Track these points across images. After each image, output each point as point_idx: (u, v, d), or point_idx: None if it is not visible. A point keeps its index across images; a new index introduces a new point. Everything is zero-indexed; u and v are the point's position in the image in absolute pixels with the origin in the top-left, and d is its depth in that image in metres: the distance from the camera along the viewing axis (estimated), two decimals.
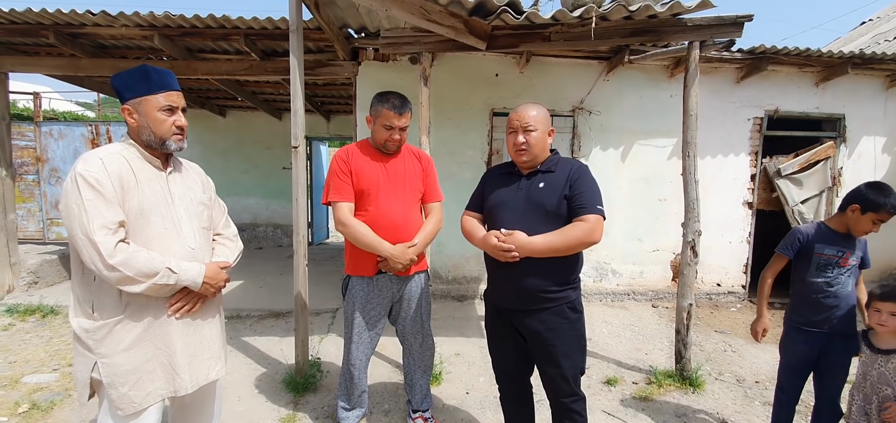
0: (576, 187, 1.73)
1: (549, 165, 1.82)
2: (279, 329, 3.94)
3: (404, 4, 2.69)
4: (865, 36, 8.34)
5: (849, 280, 2.06)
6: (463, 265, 4.91)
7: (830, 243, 2.09)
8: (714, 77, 4.73)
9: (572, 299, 1.79)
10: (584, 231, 1.67)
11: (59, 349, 3.40)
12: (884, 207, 1.95)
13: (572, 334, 1.78)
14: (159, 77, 1.47)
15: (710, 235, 4.81)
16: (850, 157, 4.97)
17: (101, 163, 1.36)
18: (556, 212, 1.72)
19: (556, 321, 1.76)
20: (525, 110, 1.80)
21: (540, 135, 1.79)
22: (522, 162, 1.83)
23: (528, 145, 1.77)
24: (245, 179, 7.97)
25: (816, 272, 2.10)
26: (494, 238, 1.71)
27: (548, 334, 1.76)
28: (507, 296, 1.83)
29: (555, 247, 1.67)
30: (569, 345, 1.78)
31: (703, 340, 3.93)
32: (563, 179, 1.76)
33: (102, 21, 3.74)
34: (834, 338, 2.07)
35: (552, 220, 1.72)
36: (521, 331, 1.85)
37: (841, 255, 2.06)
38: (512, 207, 1.80)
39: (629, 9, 2.63)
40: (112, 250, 1.31)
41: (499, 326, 1.94)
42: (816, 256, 2.10)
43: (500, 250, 1.70)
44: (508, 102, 4.73)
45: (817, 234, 2.14)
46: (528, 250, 1.67)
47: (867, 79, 4.86)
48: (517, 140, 1.79)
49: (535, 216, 1.73)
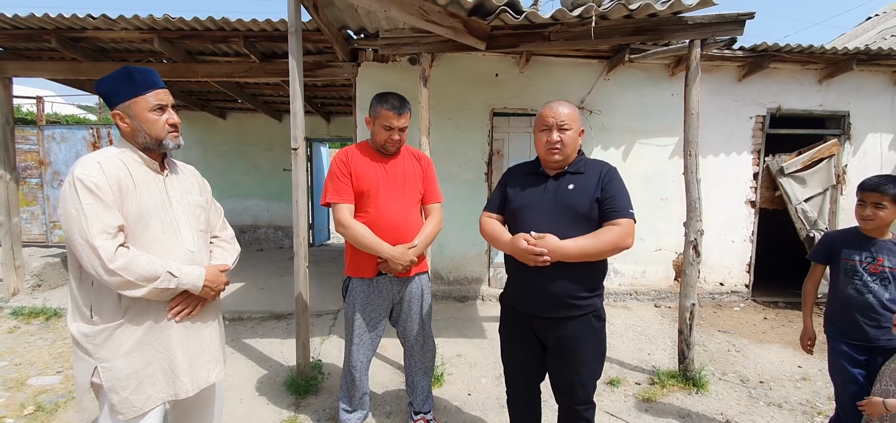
0: (608, 190, 1.67)
1: (578, 166, 1.75)
2: (280, 331, 3.94)
3: (403, 5, 2.69)
4: (871, 31, 8.28)
5: (885, 289, 1.87)
6: (464, 266, 4.90)
7: (856, 247, 1.94)
8: (716, 75, 4.70)
9: (598, 306, 1.74)
10: (617, 235, 1.61)
11: (62, 352, 3.41)
12: (866, 187, 1.89)
13: (595, 343, 1.73)
14: (143, 77, 1.45)
15: (712, 234, 4.78)
16: (855, 154, 4.92)
17: (98, 167, 1.35)
18: (587, 215, 1.66)
19: (582, 331, 1.70)
20: (559, 108, 1.72)
21: (574, 134, 1.72)
22: (554, 162, 1.74)
23: (562, 144, 1.70)
24: (246, 180, 7.99)
25: (845, 280, 1.96)
26: (524, 241, 1.63)
27: (571, 344, 1.71)
28: (531, 301, 1.74)
29: (588, 251, 1.60)
30: (591, 354, 1.73)
31: (707, 340, 3.91)
32: (593, 181, 1.70)
33: (103, 25, 3.76)
34: (874, 354, 1.89)
35: (582, 223, 1.66)
36: (542, 337, 1.78)
37: (870, 260, 1.90)
38: (539, 210, 1.72)
39: (629, 8, 2.61)
40: (112, 254, 1.30)
41: (516, 330, 1.85)
42: (843, 261, 1.97)
43: (531, 254, 1.62)
44: (508, 102, 4.72)
45: (844, 237, 2.01)
46: (560, 255, 1.60)
47: (873, 75, 4.81)
48: (551, 138, 1.70)
49: (565, 219, 1.67)
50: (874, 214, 1.87)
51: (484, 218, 1.90)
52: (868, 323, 1.90)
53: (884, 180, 1.87)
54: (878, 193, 1.85)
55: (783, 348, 3.71)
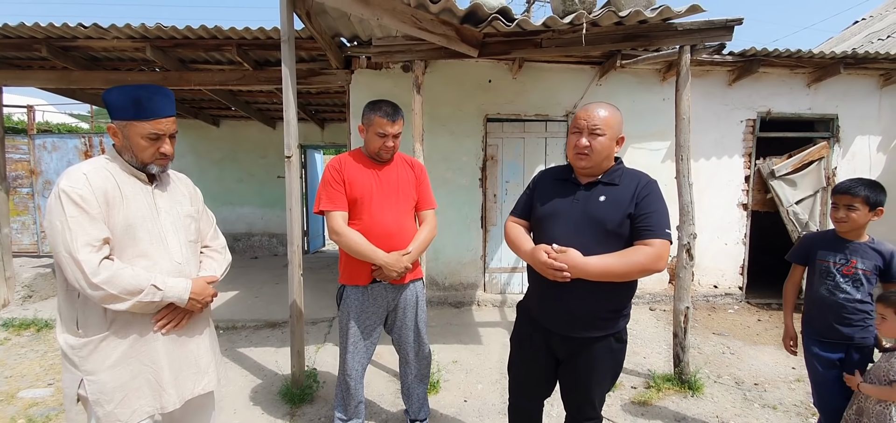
0: (643, 207, 1.52)
1: (613, 177, 1.60)
2: (275, 340, 3.92)
3: (395, 13, 2.70)
4: (858, 35, 8.41)
5: (856, 290, 1.92)
6: (459, 272, 4.90)
7: (831, 248, 1.99)
8: (706, 80, 4.76)
9: (621, 328, 1.63)
10: (647, 257, 1.47)
11: (53, 364, 3.36)
12: (838, 190, 1.94)
13: (612, 365, 1.65)
14: (151, 104, 1.43)
15: (705, 237, 4.82)
16: (845, 156, 4.99)
17: (85, 178, 1.34)
18: (617, 232, 1.52)
19: (600, 353, 1.60)
20: (594, 110, 1.58)
21: (607, 141, 1.56)
22: (581, 167, 1.61)
23: (591, 150, 1.55)
24: (240, 188, 7.95)
25: (819, 281, 2.01)
26: (544, 253, 1.53)
27: (587, 364, 1.62)
28: (551, 317, 1.64)
29: (612, 272, 1.47)
30: (605, 374, 1.65)
31: (702, 342, 3.93)
32: (628, 194, 1.55)
33: (94, 34, 3.74)
34: (851, 351, 1.95)
35: (611, 240, 1.52)
36: (557, 353, 1.69)
37: (844, 262, 1.95)
38: (566, 221, 1.59)
39: (619, 15, 2.64)
40: (96, 268, 1.30)
41: (532, 341, 1.74)
42: (818, 263, 2.03)
43: (551, 268, 1.51)
44: (502, 107, 4.74)
45: (821, 239, 2.06)
46: (582, 272, 1.47)
47: (860, 78, 4.89)
48: (580, 142, 1.56)
49: (592, 234, 1.53)
50: (847, 215, 1.91)
51: (509, 223, 1.79)
52: (839, 322, 1.96)
53: (855, 183, 1.92)
54: (850, 195, 1.90)
55: (777, 350, 3.74)
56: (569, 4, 2.77)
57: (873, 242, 1.95)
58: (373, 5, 2.67)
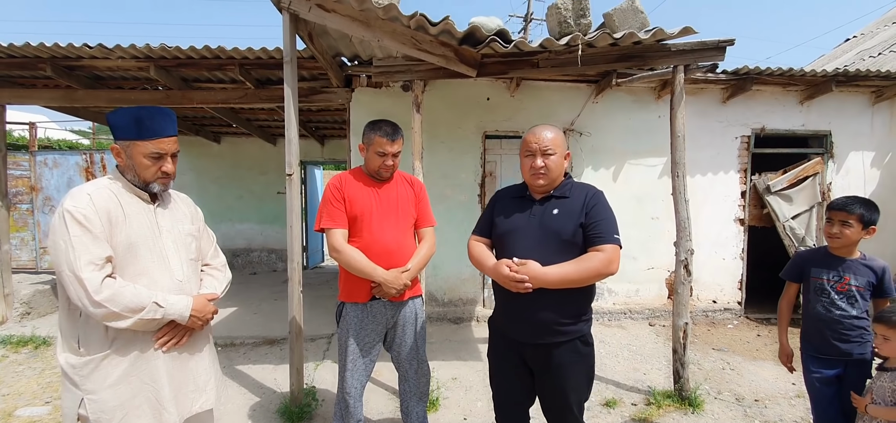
0: (592, 215, 1.65)
1: (564, 191, 1.74)
2: (274, 357, 3.90)
3: (396, 35, 2.76)
4: (850, 52, 8.54)
5: (852, 307, 1.94)
6: (459, 287, 4.91)
7: (825, 265, 2.01)
8: (700, 97, 4.84)
9: (585, 332, 1.72)
10: (601, 262, 1.59)
11: (51, 382, 3.34)
12: (833, 206, 1.97)
13: (583, 368, 1.72)
14: (152, 123, 1.46)
15: (703, 252, 4.84)
16: (839, 172, 5.05)
17: (89, 198, 1.37)
18: (572, 241, 1.64)
19: (569, 357, 1.69)
20: (542, 132, 1.72)
21: (558, 158, 1.71)
22: (539, 186, 1.74)
23: (546, 169, 1.69)
24: (239, 204, 7.98)
25: (814, 298, 2.03)
26: (505, 268, 1.62)
27: (558, 370, 1.69)
28: (517, 327, 1.73)
29: (570, 278, 1.58)
30: (579, 379, 1.72)
31: (701, 358, 3.92)
32: (578, 205, 1.68)
33: (99, 54, 3.79)
34: (849, 367, 1.96)
35: (567, 249, 1.64)
36: (530, 363, 1.77)
37: (837, 279, 1.97)
38: (525, 235, 1.70)
39: (614, 36, 2.71)
40: (98, 286, 1.31)
41: (505, 355, 1.83)
42: (812, 280, 2.05)
43: (512, 281, 1.60)
44: (500, 125, 4.80)
45: (814, 256, 2.08)
46: (542, 281, 1.58)
47: (852, 95, 4.97)
48: (535, 163, 1.70)
49: (550, 245, 1.65)
50: (841, 232, 1.94)
51: (472, 242, 1.89)
52: (837, 339, 1.97)
53: (851, 201, 1.95)
54: (845, 212, 1.93)
55: (777, 366, 3.73)
56: (565, 26, 2.84)
57: (865, 258, 1.98)
58: (374, 27, 2.73)
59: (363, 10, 2.62)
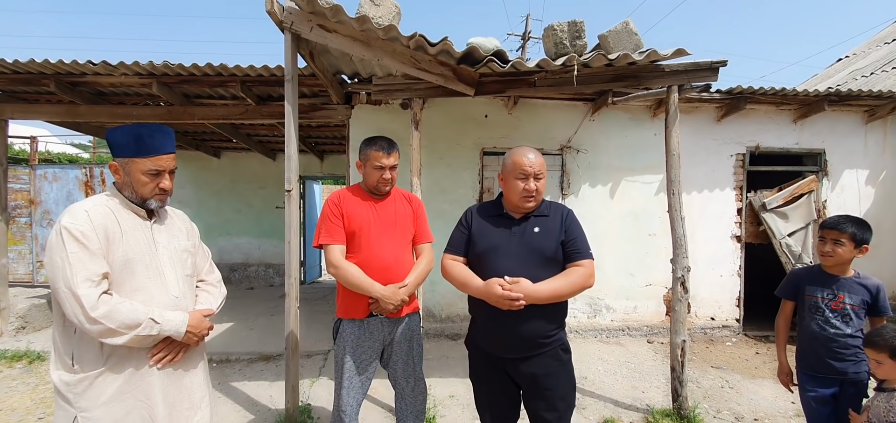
0: (570, 232, 1.75)
1: (543, 210, 1.82)
2: (269, 373, 3.87)
3: (396, 55, 2.82)
4: (842, 72, 8.68)
5: (846, 325, 1.95)
6: (456, 303, 4.89)
7: (819, 284, 2.03)
8: (695, 116, 4.90)
9: (563, 340, 1.80)
10: (583, 276, 1.70)
11: (44, 397, 3.31)
12: (825, 225, 2.01)
13: (566, 376, 1.79)
14: (151, 141, 1.49)
15: (700, 269, 4.85)
16: (834, 190, 5.09)
17: (86, 215, 1.38)
18: (554, 257, 1.73)
19: (552, 365, 1.75)
20: (534, 156, 1.78)
21: (545, 181, 1.81)
22: (529, 208, 1.80)
23: (538, 192, 1.78)
24: (238, 218, 7.99)
25: (809, 316, 2.04)
26: (498, 287, 1.64)
27: (545, 379, 1.75)
28: (503, 344, 1.76)
29: (560, 293, 1.67)
30: (564, 387, 1.78)
31: (700, 376, 3.90)
32: (557, 224, 1.77)
33: (103, 70, 3.85)
34: (846, 386, 1.97)
35: (550, 265, 1.72)
36: (515, 377, 1.80)
37: (831, 297, 1.98)
38: (509, 253, 1.74)
39: (609, 57, 2.77)
40: (95, 302, 1.32)
41: (489, 373, 1.86)
42: (807, 298, 2.06)
43: (507, 299, 1.63)
44: (498, 142, 4.85)
45: (808, 275, 2.10)
46: (535, 298, 1.64)
47: (845, 114, 5.05)
48: (529, 186, 1.75)
49: (535, 262, 1.71)
50: (834, 250, 1.96)
51: (448, 261, 1.87)
52: (831, 357, 1.97)
53: (843, 220, 1.98)
54: (837, 230, 1.96)
55: (776, 384, 3.69)
56: (561, 47, 2.90)
57: (859, 276, 1.99)
58: (374, 47, 2.79)
59: (364, 30, 2.68)
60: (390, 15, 2.82)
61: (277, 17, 2.69)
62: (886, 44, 8.35)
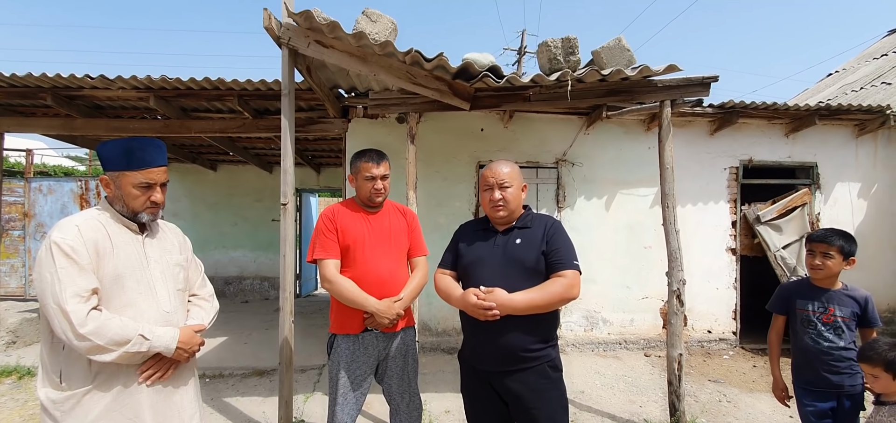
0: (553, 243, 1.74)
1: (525, 221, 1.84)
2: (263, 388, 3.82)
3: (392, 70, 2.85)
4: (833, 86, 8.81)
5: (839, 338, 1.95)
6: (452, 317, 4.87)
7: (809, 297, 2.04)
8: (688, 130, 4.95)
9: (553, 357, 1.76)
10: (563, 287, 1.66)
11: (33, 414, 3.25)
12: (813, 238, 2.02)
13: (555, 395, 1.74)
14: (142, 154, 1.48)
15: (696, 282, 4.86)
16: (826, 203, 5.14)
17: (77, 230, 1.37)
18: (536, 268, 1.72)
19: (538, 382, 1.71)
20: (499, 167, 1.83)
21: (515, 191, 1.81)
22: (499, 218, 1.83)
23: (505, 201, 1.79)
24: (234, 231, 7.96)
25: (802, 330, 2.05)
26: (473, 296, 1.67)
27: (531, 397, 1.71)
28: (486, 357, 1.76)
29: (536, 304, 1.65)
30: (553, 407, 1.73)
31: (697, 390, 3.88)
32: (539, 235, 1.77)
33: (100, 84, 3.86)
34: (842, 399, 1.96)
35: (531, 276, 1.71)
36: (502, 394, 1.78)
37: (822, 310, 1.99)
38: (490, 264, 1.78)
39: (602, 73, 2.80)
40: (83, 318, 1.30)
41: (477, 388, 1.86)
42: (798, 311, 2.07)
43: (480, 309, 1.65)
44: (494, 154, 4.88)
45: (798, 288, 2.11)
46: (509, 308, 1.63)
47: (837, 128, 5.11)
48: (494, 196, 1.80)
49: (515, 273, 1.72)
50: (823, 263, 1.98)
51: (438, 275, 1.94)
52: (827, 371, 1.97)
53: (830, 233, 2.00)
54: (826, 244, 1.98)
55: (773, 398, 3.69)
56: (555, 63, 2.94)
57: (847, 288, 2.01)
58: (371, 62, 2.82)
59: (360, 46, 2.71)
60: (387, 31, 2.86)
61: (275, 33, 2.72)
62: (875, 59, 8.50)
